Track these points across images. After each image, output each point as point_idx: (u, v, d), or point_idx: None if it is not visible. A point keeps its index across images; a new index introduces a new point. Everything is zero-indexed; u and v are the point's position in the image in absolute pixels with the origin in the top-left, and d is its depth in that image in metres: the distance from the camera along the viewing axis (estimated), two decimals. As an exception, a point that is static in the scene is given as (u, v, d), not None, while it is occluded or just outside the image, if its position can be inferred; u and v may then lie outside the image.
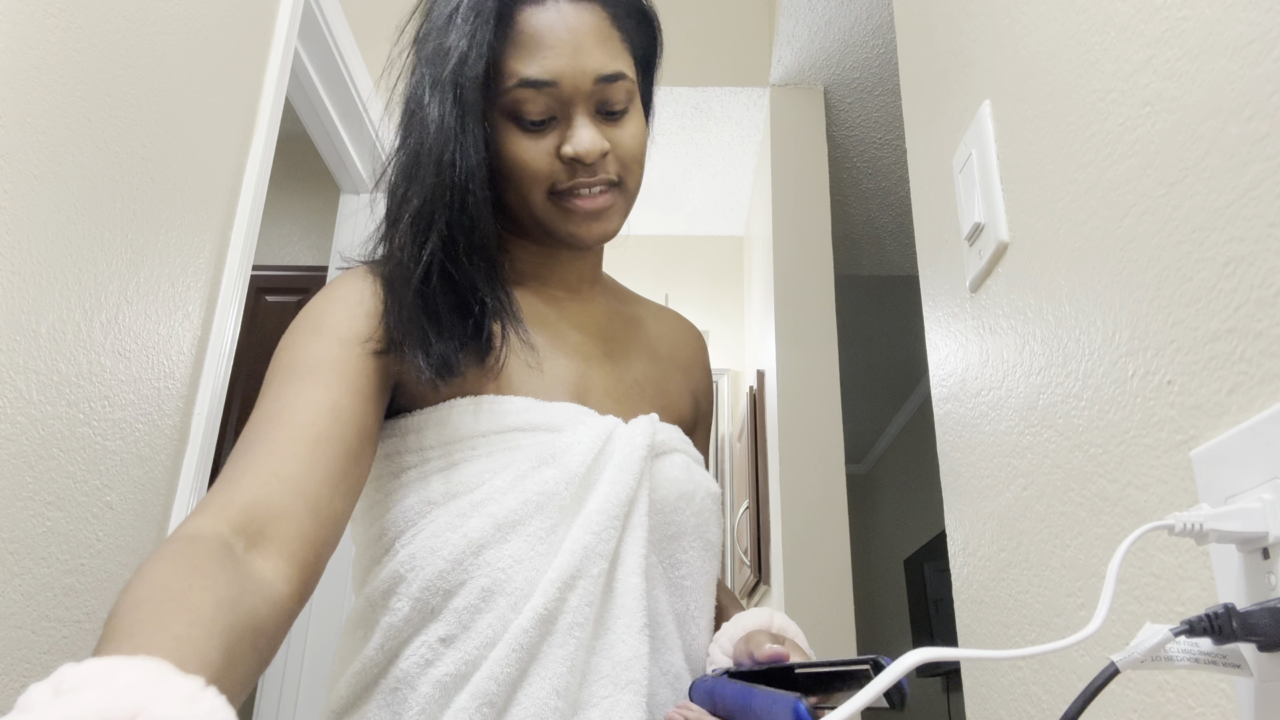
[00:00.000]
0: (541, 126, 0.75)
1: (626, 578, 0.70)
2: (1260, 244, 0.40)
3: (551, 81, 0.74)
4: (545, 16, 0.75)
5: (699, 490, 0.78)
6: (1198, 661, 0.39)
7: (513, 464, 0.72)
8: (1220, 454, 0.42)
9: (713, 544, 0.80)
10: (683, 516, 0.76)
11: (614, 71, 0.76)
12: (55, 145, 0.99)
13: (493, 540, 0.69)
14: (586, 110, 0.76)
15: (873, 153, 2.85)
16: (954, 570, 0.83)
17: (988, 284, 0.75)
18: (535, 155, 0.75)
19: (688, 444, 0.82)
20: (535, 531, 0.70)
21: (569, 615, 0.67)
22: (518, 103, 0.75)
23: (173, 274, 1.26)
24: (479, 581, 0.69)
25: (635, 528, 0.71)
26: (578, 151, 0.74)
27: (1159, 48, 0.49)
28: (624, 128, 0.78)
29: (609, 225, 0.79)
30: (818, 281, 2.48)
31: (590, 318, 0.85)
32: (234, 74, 1.42)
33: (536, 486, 0.71)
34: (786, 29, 2.42)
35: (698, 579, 0.78)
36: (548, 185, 0.76)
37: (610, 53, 0.76)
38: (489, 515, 0.70)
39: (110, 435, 1.12)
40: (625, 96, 0.77)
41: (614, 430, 0.74)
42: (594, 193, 0.76)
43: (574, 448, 0.72)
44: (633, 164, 0.79)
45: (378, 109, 2.13)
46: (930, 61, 0.91)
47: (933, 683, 4.75)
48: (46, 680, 0.37)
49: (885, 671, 0.39)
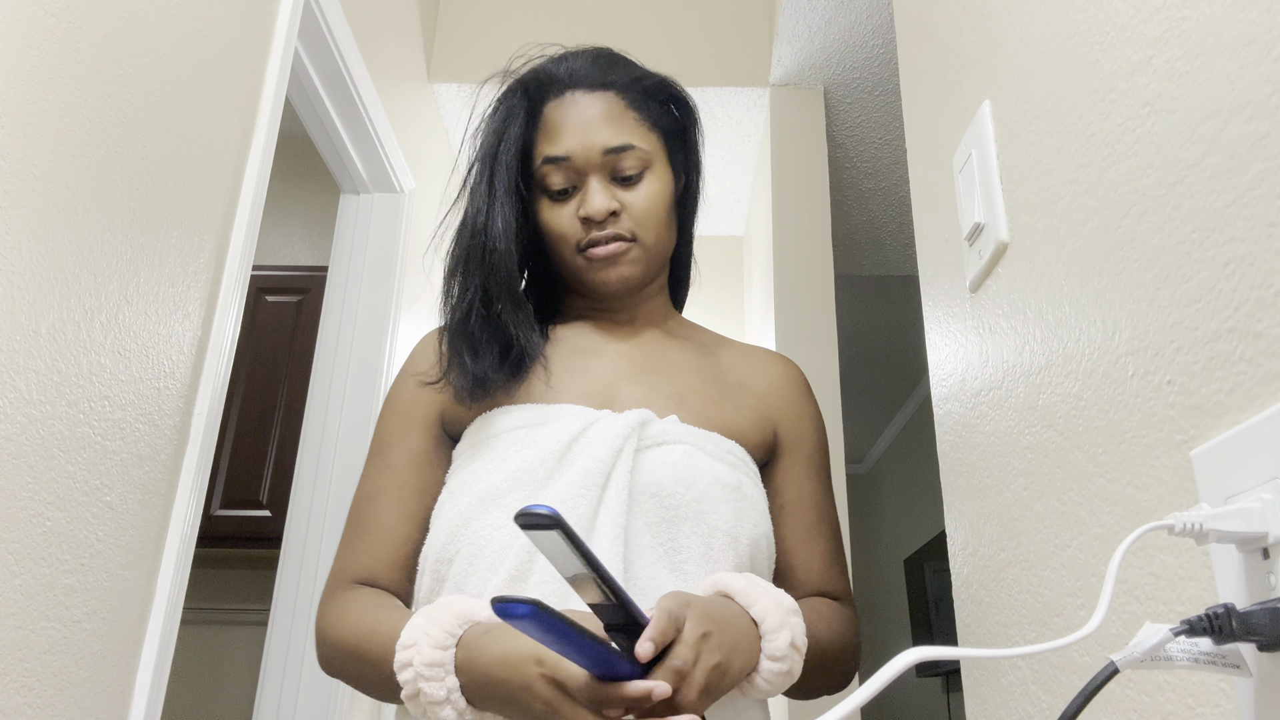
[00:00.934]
0: (565, 196, 0.92)
1: (601, 543, 0.77)
2: (1260, 244, 0.40)
3: (565, 156, 0.91)
4: (564, 108, 0.93)
5: (701, 477, 0.83)
6: (1197, 661, 0.39)
7: (503, 451, 0.84)
8: (1220, 454, 0.42)
9: (720, 529, 0.82)
10: (680, 500, 0.82)
11: (621, 144, 0.91)
12: (55, 145, 0.99)
13: (478, 512, 0.81)
14: (600, 178, 0.91)
15: (873, 153, 2.85)
16: (954, 570, 0.83)
17: (988, 284, 0.75)
18: (561, 219, 0.92)
19: (711, 441, 0.87)
20: (512, 502, 0.80)
21: (538, 573, 0.77)
22: (544, 177, 0.92)
23: (173, 274, 1.26)
24: (467, 549, 0.81)
25: (611, 500, 0.79)
26: (588, 212, 0.90)
27: (1159, 48, 0.49)
28: (636, 191, 0.92)
29: (624, 270, 0.92)
30: (818, 281, 2.48)
31: (635, 345, 0.96)
32: (234, 74, 1.42)
33: (515, 464, 0.82)
34: (786, 29, 2.42)
35: (701, 563, 0.81)
36: (575, 243, 0.92)
37: (620, 129, 0.92)
38: (475, 492, 0.82)
39: (110, 435, 1.12)
40: (637, 164, 0.92)
41: (599, 418, 0.84)
42: (606, 244, 0.90)
43: (555, 432, 0.83)
44: (646, 221, 0.92)
45: (378, 109, 2.13)
46: (930, 61, 0.91)
47: (933, 683, 4.75)
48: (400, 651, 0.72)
49: (883, 670, 0.39)
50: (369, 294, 2.23)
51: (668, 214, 0.95)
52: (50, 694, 1.01)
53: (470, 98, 2.68)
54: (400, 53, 2.36)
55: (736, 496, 0.85)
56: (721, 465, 0.86)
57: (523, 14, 2.74)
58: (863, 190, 3.02)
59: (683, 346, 0.98)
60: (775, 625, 0.75)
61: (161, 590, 1.23)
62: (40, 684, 1.00)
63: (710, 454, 0.86)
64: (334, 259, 2.28)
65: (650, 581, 0.78)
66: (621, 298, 0.96)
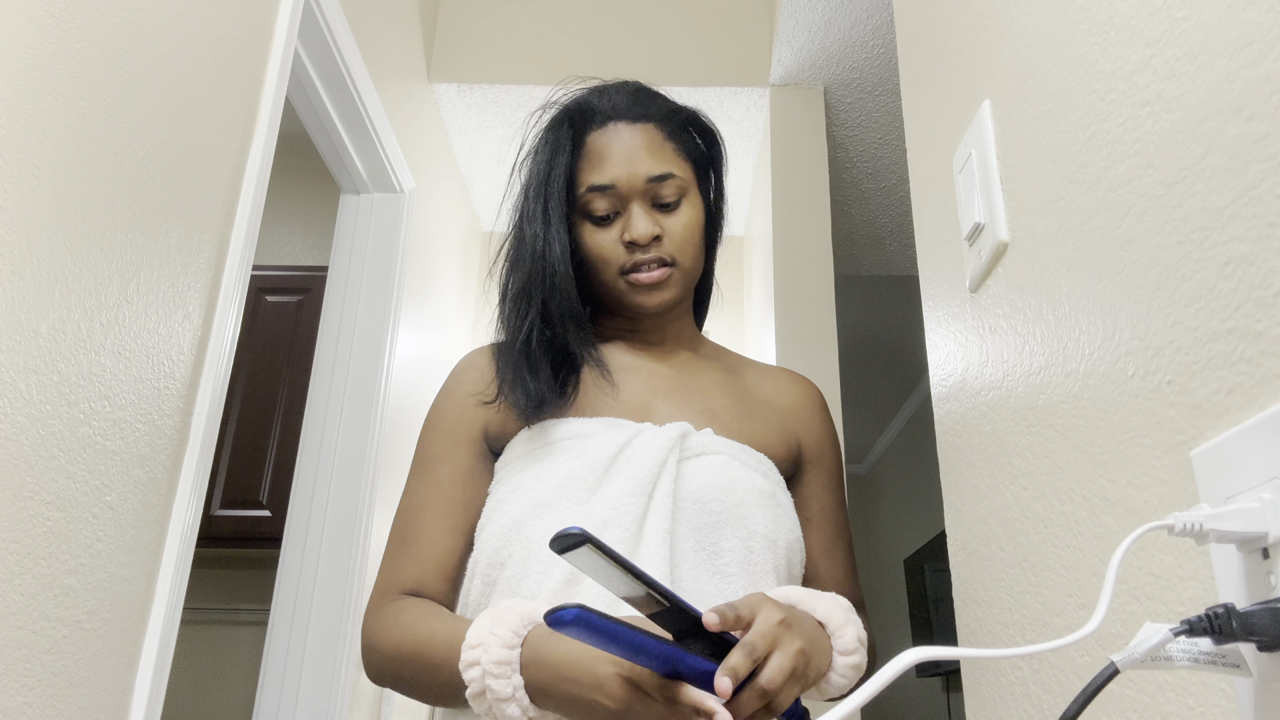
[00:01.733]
0: (608, 221, 0.97)
1: (648, 548, 0.81)
2: (1260, 244, 0.40)
3: (611, 185, 0.96)
4: (606, 137, 0.98)
5: (739, 485, 0.88)
6: (1197, 661, 0.39)
7: (553, 460, 0.88)
8: (1220, 454, 0.42)
9: (758, 533, 0.87)
10: (721, 506, 0.86)
11: (662, 173, 0.96)
12: (55, 145, 0.99)
13: (529, 518, 0.84)
14: (642, 205, 0.96)
15: (873, 153, 2.85)
16: (954, 570, 0.83)
17: (988, 284, 0.75)
18: (605, 244, 0.97)
19: (745, 453, 0.92)
20: (563, 508, 0.84)
21: (589, 579, 0.75)
22: (588, 203, 0.97)
23: (173, 274, 1.26)
24: (520, 553, 0.83)
25: (658, 508, 0.83)
26: (633, 236, 0.95)
27: (1159, 48, 0.49)
28: (675, 217, 0.97)
29: (665, 295, 0.97)
30: (818, 281, 2.48)
31: (667, 364, 1.01)
32: (234, 74, 1.42)
33: (566, 473, 0.86)
34: (786, 29, 2.42)
35: (743, 566, 0.85)
36: (617, 267, 0.97)
37: (660, 159, 0.97)
38: (527, 499, 0.86)
39: (110, 435, 1.12)
40: (675, 192, 0.97)
41: (643, 430, 0.89)
42: (651, 270, 0.96)
43: (602, 443, 0.87)
44: (685, 245, 0.98)
45: (378, 109, 2.13)
46: (930, 61, 0.91)
47: (932, 682, 4.75)
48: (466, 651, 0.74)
49: (883, 670, 0.39)
50: (369, 294, 2.23)
51: (700, 239, 1.01)
52: (50, 694, 1.01)
53: (470, 98, 2.68)
54: (400, 53, 2.36)
55: (772, 503, 0.90)
56: (756, 474, 0.91)
57: (523, 14, 2.74)
58: (863, 190, 3.02)
59: (710, 366, 1.04)
60: (841, 622, 0.80)
61: (161, 590, 1.23)
62: (40, 684, 1.00)
63: (745, 464, 0.91)
64: (334, 259, 2.28)
65: (694, 584, 0.82)
66: (656, 318, 1.01)
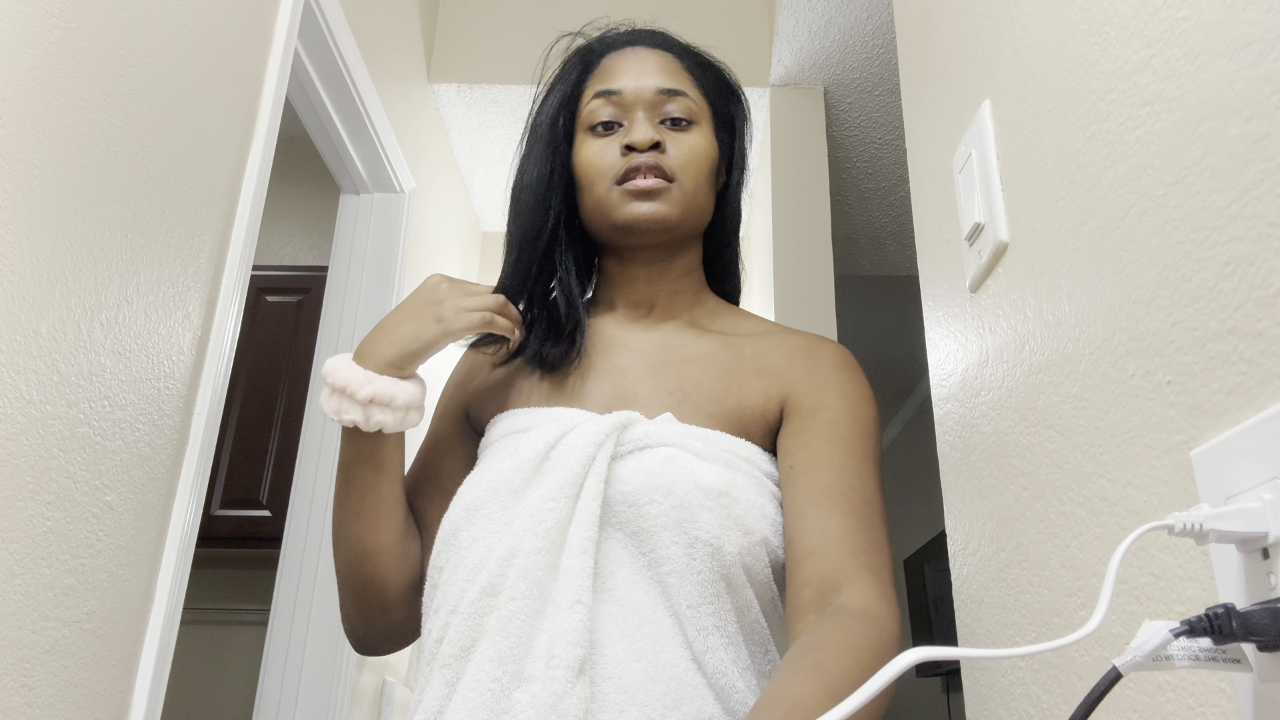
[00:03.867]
0: (610, 130, 0.91)
1: (569, 560, 0.74)
2: (1260, 244, 0.40)
3: (616, 90, 0.91)
4: (623, 56, 0.95)
5: (680, 484, 0.76)
6: (1198, 660, 0.39)
7: (488, 460, 0.85)
8: (1220, 454, 0.42)
9: (701, 540, 0.75)
10: (658, 509, 0.76)
11: (673, 87, 0.91)
12: (55, 145, 0.99)
13: (463, 523, 0.81)
14: (648, 115, 0.90)
15: (873, 153, 2.85)
16: (954, 570, 0.83)
17: (988, 284, 0.75)
18: (602, 152, 0.90)
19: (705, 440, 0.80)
20: (491, 513, 0.79)
21: (509, 589, 0.74)
22: (592, 113, 0.92)
23: (173, 274, 1.26)
24: (451, 558, 0.80)
25: (584, 513, 0.76)
26: (632, 139, 0.88)
27: (1159, 48, 0.49)
28: (682, 137, 0.91)
29: (659, 208, 0.88)
30: (818, 281, 2.48)
31: (650, 339, 0.93)
32: (234, 74, 1.42)
33: (495, 475, 0.81)
34: (786, 29, 2.42)
35: (686, 575, 0.75)
36: (613, 177, 0.89)
37: (672, 78, 0.92)
38: (462, 503, 0.82)
39: (110, 435, 1.12)
40: (685, 112, 0.91)
41: (580, 423, 0.81)
42: (646, 176, 0.88)
43: (534, 440, 0.81)
44: (687, 167, 0.90)
45: (378, 109, 2.13)
46: (930, 61, 0.91)
47: (932, 683, 4.75)
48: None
49: (883, 670, 0.39)
50: (369, 294, 2.23)
51: (709, 175, 0.92)
52: (50, 694, 1.01)
53: (470, 98, 2.68)
54: (400, 53, 2.36)
55: (723, 503, 0.77)
56: (710, 467, 0.78)
57: (522, 14, 2.74)
58: (863, 190, 3.02)
59: (701, 337, 0.92)
60: None
61: (161, 590, 1.23)
62: (40, 684, 1.00)
63: (699, 454, 0.79)
64: (334, 259, 2.28)
65: (631, 592, 0.74)
66: (650, 262, 0.93)
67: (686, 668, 0.73)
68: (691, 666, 0.73)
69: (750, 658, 0.77)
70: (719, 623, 0.75)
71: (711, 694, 0.73)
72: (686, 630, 0.74)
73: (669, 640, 0.73)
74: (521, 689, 0.70)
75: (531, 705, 0.69)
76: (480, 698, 0.71)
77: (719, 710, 0.72)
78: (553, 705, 0.68)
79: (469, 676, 0.73)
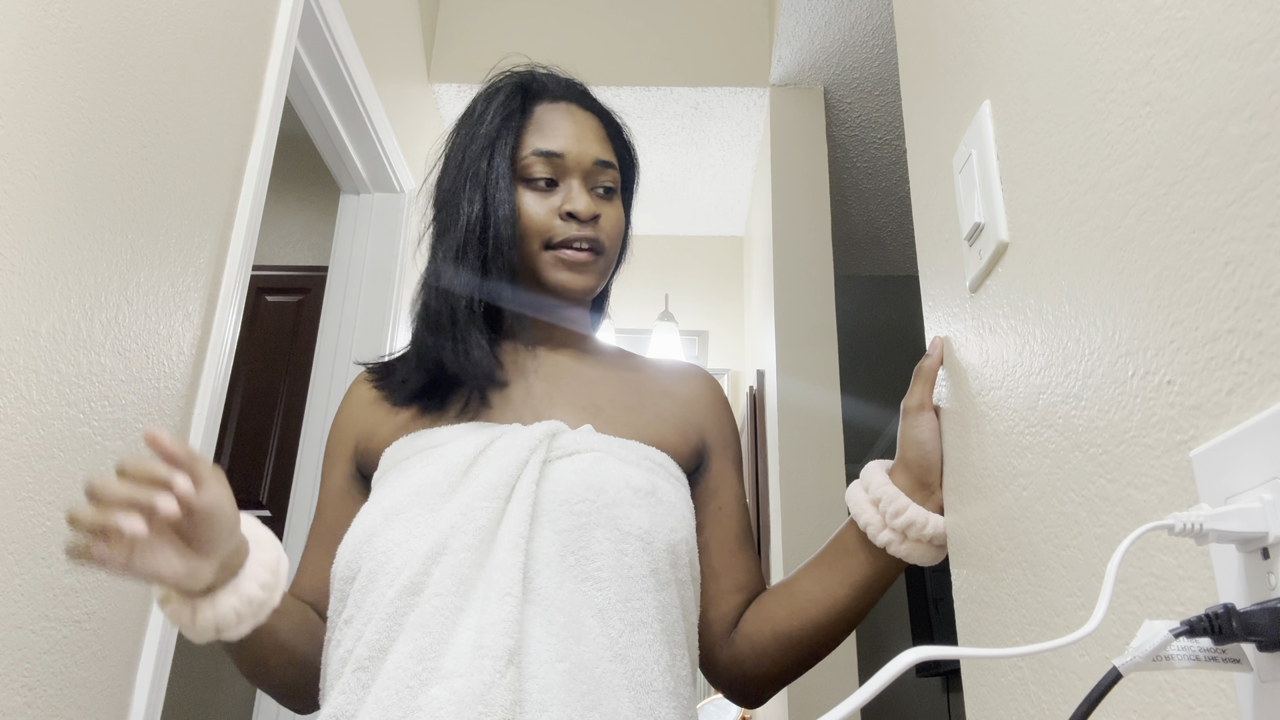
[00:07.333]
0: (547, 188, 0.93)
1: (499, 555, 0.75)
2: (1260, 244, 0.40)
3: (560, 154, 0.93)
4: (558, 112, 0.97)
5: (611, 484, 0.82)
6: (1198, 659, 0.39)
7: (408, 470, 0.84)
8: (1220, 454, 0.42)
9: (631, 534, 0.80)
10: (590, 507, 0.80)
11: (607, 159, 0.96)
12: (55, 145, 0.99)
13: (380, 529, 0.80)
14: (583, 184, 0.94)
15: (873, 153, 2.85)
16: (954, 570, 0.83)
17: (988, 284, 0.75)
18: (539, 210, 0.92)
19: (626, 448, 0.87)
20: (414, 516, 0.80)
21: (432, 586, 0.75)
22: (529, 167, 0.93)
23: (173, 274, 1.26)
24: (367, 565, 0.79)
25: (515, 511, 0.78)
26: (576, 209, 0.92)
27: (1159, 48, 0.49)
28: (609, 208, 0.96)
29: (589, 280, 0.93)
30: (818, 281, 2.48)
31: (554, 360, 0.97)
32: (234, 74, 1.42)
33: (420, 480, 0.82)
34: (786, 29, 2.42)
35: (617, 570, 0.79)
36: (544, 238, 0.92)
37: (604, 147, 0.97)
38: (380, 510, 0.82)
39: (110, 435, 1.12)
40: (613, 182, 0.97)
41: (507, 432, 0.84)
42: (582, 249, 0.92)
43: (461, 447, 0.83)
44: (614, 238, 0.96)
45: (378, 109, 2.13)
46: (930, 61, 0.91)
47: (932, 683, 4.75)
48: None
49: (883, 670, 0.39)
50: (369, 294, 2.23)
51: (620, 241, 0.99)
52: (50, 694, 1.01)
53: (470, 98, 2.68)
54: (400, 53, 2.36)
55: (650, 501, 0.83)
56: (635, 470, 0.85)
57: (522, 14, 2.74)
58: (863, 190, 3.02)
59: (600, 361, 1.00)
60: None
61: (161, 590, 1.23)
62: (40, 684, 1.00)
63: (623, 459, 0.85)
64: (334, 259, 2.28)
65: (556, 590, 0.76)
66: (558, 309, 0.97)
67: (608, 669, 0.74)
68: (612, 667, 0.74)
69: (671, 659, 0.79)
70: (644, 619, 0.78)
71: (629, 695, 0.74)
72: (610, 628, 0.76)
73: (591, 640, 0.75)
74: (439, 685, 0.70)
75: (452, 700, 0.68)
76: (395, 695, 0.70)
77: (633, 711, 0.73)
78: (480, 695, 0.68)
79: (384, 675, 0.72)
